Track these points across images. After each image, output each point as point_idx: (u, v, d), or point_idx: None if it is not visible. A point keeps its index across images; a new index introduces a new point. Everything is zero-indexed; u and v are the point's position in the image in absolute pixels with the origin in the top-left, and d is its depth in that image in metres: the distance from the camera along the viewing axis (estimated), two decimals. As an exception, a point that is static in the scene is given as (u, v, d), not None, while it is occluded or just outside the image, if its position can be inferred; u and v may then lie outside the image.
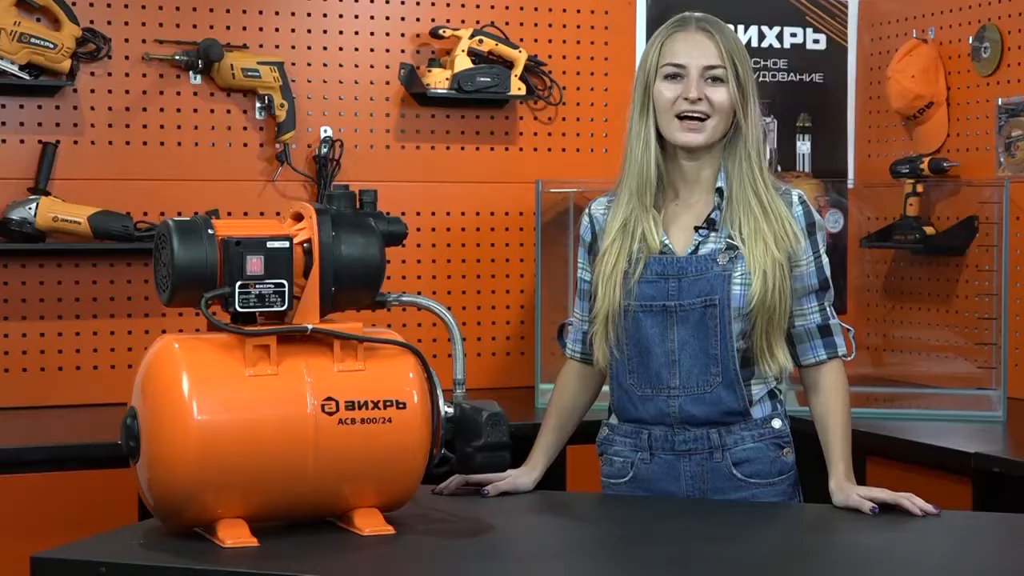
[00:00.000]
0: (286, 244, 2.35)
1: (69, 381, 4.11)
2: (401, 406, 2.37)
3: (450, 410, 2.44)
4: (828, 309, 2.76)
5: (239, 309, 2.33)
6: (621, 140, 4.58)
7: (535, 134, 4.61)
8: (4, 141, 4.05)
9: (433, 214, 4.51)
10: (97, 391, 4.08)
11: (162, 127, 4.20)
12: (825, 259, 2.76)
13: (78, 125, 4.12)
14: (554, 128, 4.63)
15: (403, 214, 3.69)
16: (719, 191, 2.73)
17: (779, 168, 4.84)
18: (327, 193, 2.46)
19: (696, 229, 2.72)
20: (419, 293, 3.66)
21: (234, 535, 2.30)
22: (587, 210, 2.84)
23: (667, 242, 2.72)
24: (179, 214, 4.04)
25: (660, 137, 2.73)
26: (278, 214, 2.55)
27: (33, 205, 3.96)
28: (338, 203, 2.43)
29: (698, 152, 2.72)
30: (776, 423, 2.75)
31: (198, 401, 2.27)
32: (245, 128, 4.28)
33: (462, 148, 4.53)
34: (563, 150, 4.64)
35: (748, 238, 2.68)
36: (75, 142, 4.12)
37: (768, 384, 2.76)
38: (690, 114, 2.69)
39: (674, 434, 2.71)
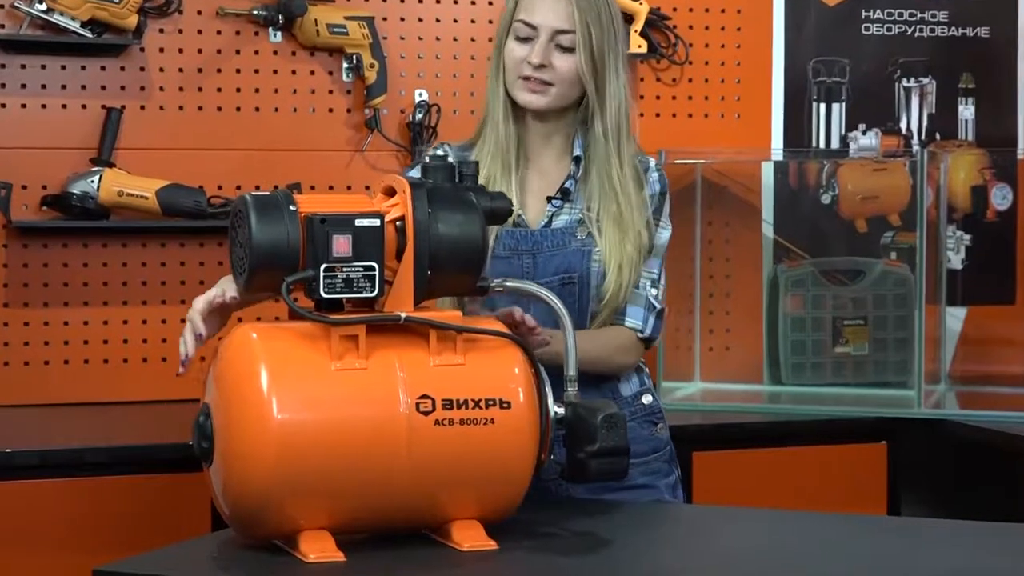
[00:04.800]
0: (377, 222, 2.36)
1: (135, 375, 4.17)
2: (505, 406, 2.37)
3: (560, 410, 2.44)
4: (650, 282, 2.84)
5: (324, 295, 2.34)
6: (756, 104, 4.55)
7: (658, 97, 4.59)
8: (65, 107, 4.12)
9: (541, 188, 4.51)
10: (166, 386, 4.12)
11: (238, 91, 4.24)
12: (666, 231, 2.88)
13: (145, 88, 4.17)
14: (679, 91, 4.61)
15: (508, 188, 3.69)
16: (576, 160, 2.83)
17: (937, 136, 4.79)
18: (422, 164, 2.47)
19: (549, 199, 2.82)
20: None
21: (318, 549, 2.32)
22: (444, 144, 2.95)
23: (521, 212, 2.82)
24: (257, 188, 4.08)
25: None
26: (367, 188, 2.56)
27: (96, 178, 4.02)
28: (435, 176, 2.44)
29: (546, 116, 2.83)
30: (647, 399, 2.90)
31: (278, 398, 2.29)
32: (331, 91, 4.31)
33: (574, 113, 4.52)
34: (689, 115, 4.61)
35: (604, 225, 2.78)
36: (142, 107, 4.18)
37: None
38: (533, 77, 2.80)
39: None
